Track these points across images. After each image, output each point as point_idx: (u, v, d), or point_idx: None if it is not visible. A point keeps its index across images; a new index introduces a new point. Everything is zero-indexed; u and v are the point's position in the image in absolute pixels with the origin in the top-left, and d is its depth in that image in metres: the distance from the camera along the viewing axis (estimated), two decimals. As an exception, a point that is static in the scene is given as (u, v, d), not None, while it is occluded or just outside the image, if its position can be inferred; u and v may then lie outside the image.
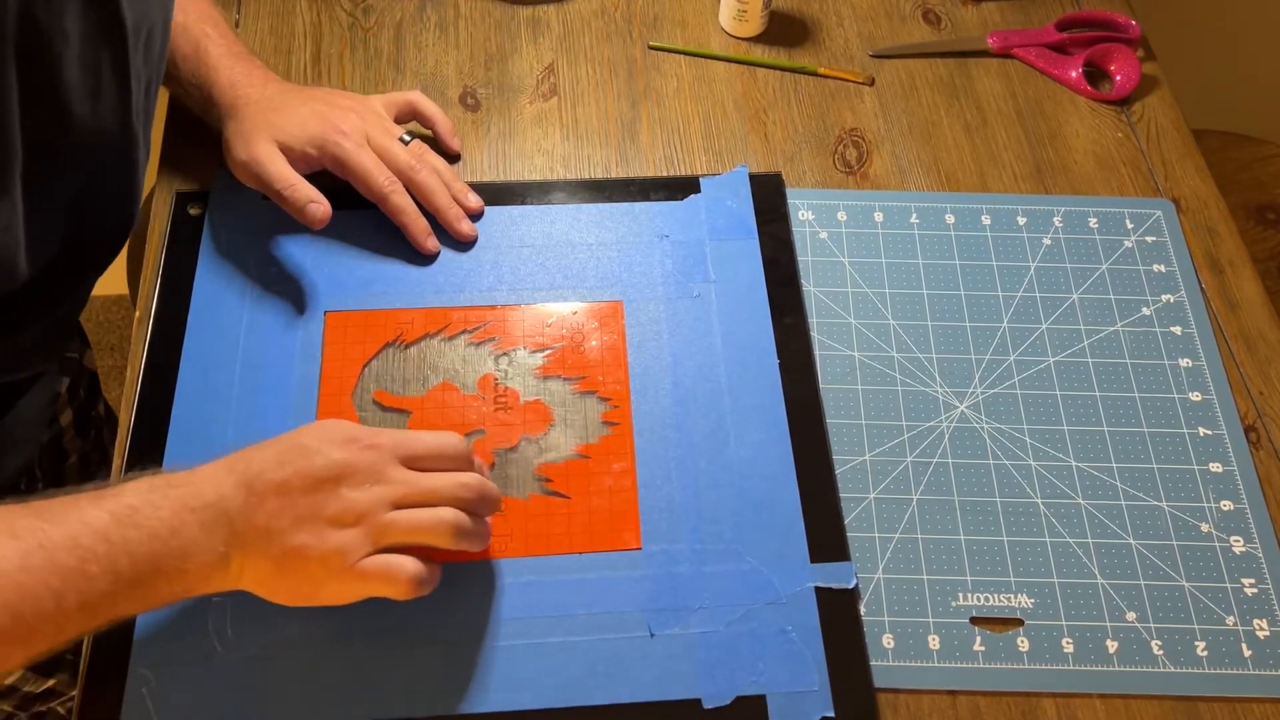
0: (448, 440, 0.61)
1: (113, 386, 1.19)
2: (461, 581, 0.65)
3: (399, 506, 0.58)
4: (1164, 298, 0.80)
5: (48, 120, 0.56)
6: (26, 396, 0.75)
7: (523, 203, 0.81)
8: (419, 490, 0.58)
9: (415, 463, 0.59)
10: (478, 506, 0.60)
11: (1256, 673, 0.65)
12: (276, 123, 0.74)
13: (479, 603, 0.64)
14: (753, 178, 0.83)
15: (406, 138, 0.78)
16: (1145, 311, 0.79)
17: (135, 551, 0.52)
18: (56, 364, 0.81)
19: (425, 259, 0.77)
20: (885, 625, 0.66)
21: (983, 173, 0.86)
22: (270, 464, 0.57)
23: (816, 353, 0.75)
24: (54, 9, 0.54)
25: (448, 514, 0.58)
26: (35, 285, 0.61)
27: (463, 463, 0.61)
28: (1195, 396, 0.75)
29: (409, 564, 0.57)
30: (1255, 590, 0.68)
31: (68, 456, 0.86)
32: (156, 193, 0.80)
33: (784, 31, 0.94)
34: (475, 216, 0.79)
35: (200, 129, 0.79)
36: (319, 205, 0.73)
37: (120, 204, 0.66)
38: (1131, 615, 0.67)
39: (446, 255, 0.78)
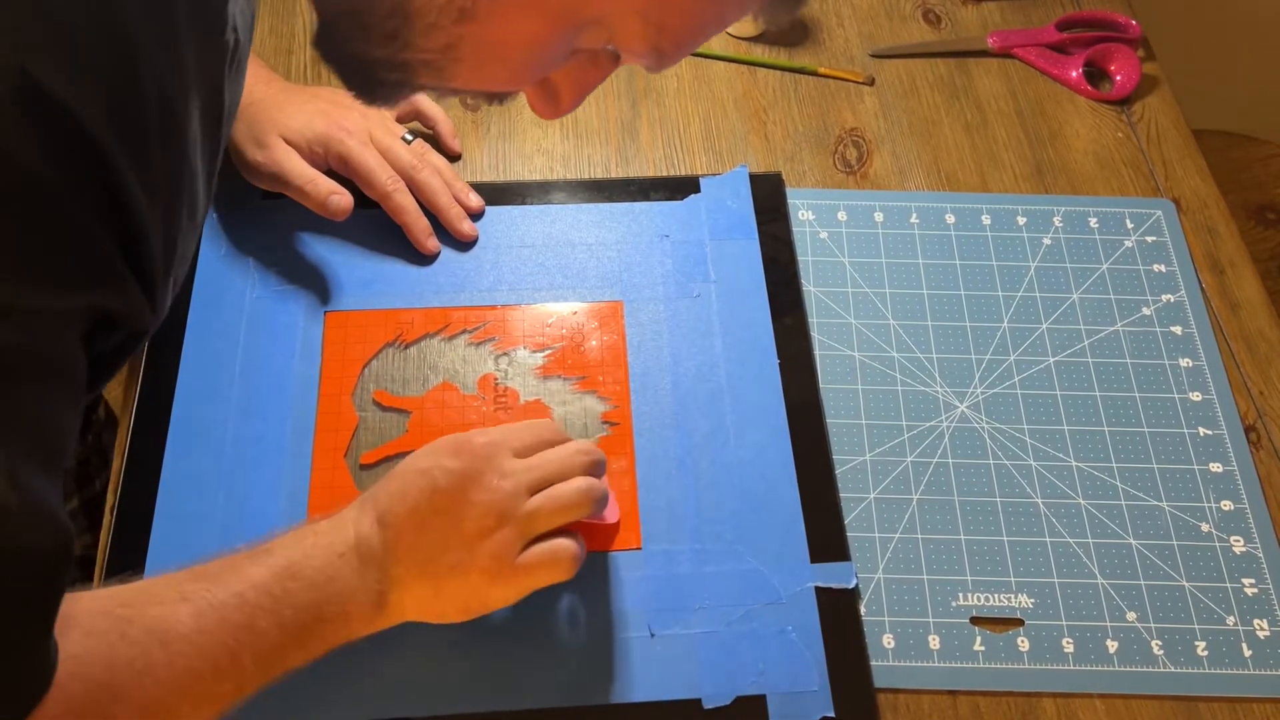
0: (542, 422, 0.62)
1: (112, 387, 1.19)
2: (461, 581, 0.65)
3: (532, 494, 0.58)
4: (1164, 298, 0.80)
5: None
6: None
7: (523, 203, 0.81)
8: (548, 472, 0.59)
9: (522, 452, 0.60)
10: (596, 470, 0.60)
11: (1257, 673, 0.65)
12: (281, 121, 0.74)
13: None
14: (753, 178, 0.83)
15: (409, 137, 0.78)
16: (1145, 311, 0.79)
17: (297, 603, 0.53)
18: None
19: (425, 259, 0.77)
20: (885, 625, 0.65)
21: (983, 172, 0.86)
22: (395, 496, 0.57)
23: (816, 353, 0.75)
24: (235, 90, 0.53)
25: (583, 483, 0.59)
26: None
27: (560, 436, 0.61)
28: (1195, 396, 0.75)
29: (567, 544, 0.58)
30: (1255, 590, 0.68)
31: (69, 459, 0.85)
32: (156, 193, 0.80)
33: (784, 31, 0.94)
34: (476, 216, 0.79)
35: (200, 129, 0.79)
36: (341, 197, 0.73)
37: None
38: (1132, 615, 0.66)
39: (447, 255, 0.78)
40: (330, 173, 0.76)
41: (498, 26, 0.44)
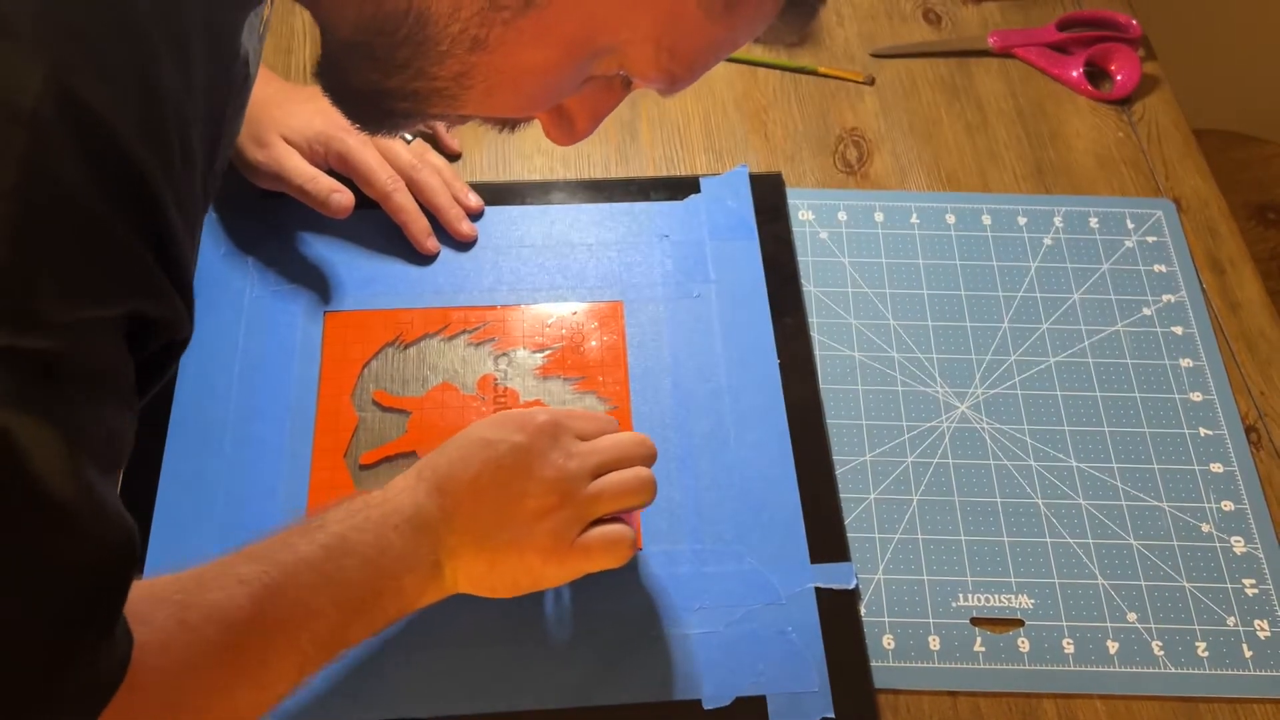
0: (600, 414, 0.63)
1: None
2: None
3: (594, 477, 0.58)
4: (1165, 298, 0.80)
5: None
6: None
7: (523, 203, 0.81)
8: (610, 457, 0.59)
9: (584, 435, 0.60)
10: (651, 462, 0.61)
11: (1257, 673, 0.65)
12: (280, 120, 0.75)
13: (479, 603, 0.64)
14: (753, 178, 0.83)
15: (409, 137, 0.78)
16: (1146, 312, 0.79)
17: (352, 579, 0.53)
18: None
19: (425, 259, 0.77)
20: (885, 626, 0.65)
21: (983, 172, 0.86)
22: (457, 464, 0.57)
23: (816, 353, 0.75)
24: (235, 125, 0.53)
25: (644, 471, 0.59)
26: None
27: (617, 428, 0.62)
28: (1196, 396, 0.75)
29: (625, 530, 0.58)
30: (1256, 591, 0.68)
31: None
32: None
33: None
34: (475, 216, 0.79)
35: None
36: (342, 195, 0.73)
37: None
38: (1132, 616, 0.66)
39: (446, 255, 0.78)
40: (330, 172, 0.76)
41: (511, 55, 0.44)
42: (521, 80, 0.45)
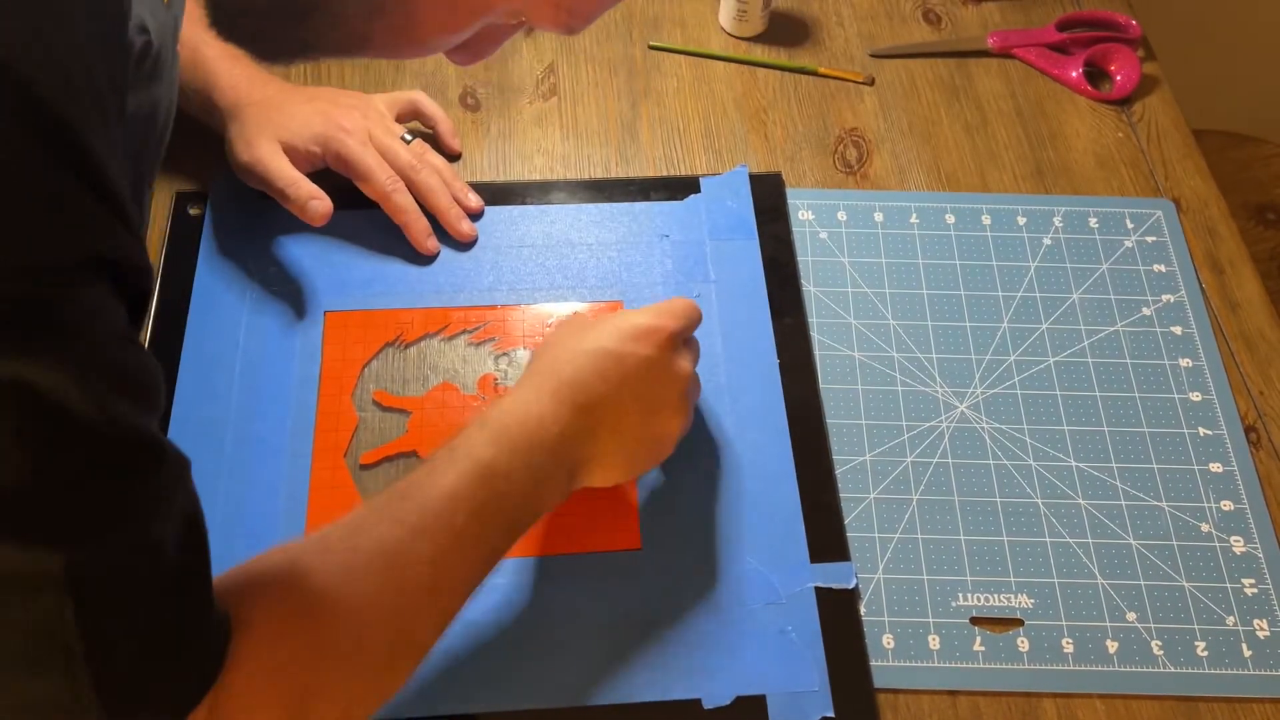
0: (684, 304, 0.66)
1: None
2: (461, 581, 0.65)
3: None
4: (1164, 298, 0.80)
5: None
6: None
7: (523, 203, 0.81)
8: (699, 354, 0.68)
9: (685, 335, 0.66)
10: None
11: (1257, 673, 0.65)
12: (279, 122, 0.74)
13: (479, 603, 0.64)
14: (753, 178, 0.83)
15: (408, 137, 0.78)
16: (1145, 311, 0.79)
17: (503, 505, 0.56)
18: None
19: (425, 259, 0.77)
20: (885, 625, 0.65)
21: (983, 173, 0.86)
22: (594, 381, 0.60)
23: (816, 353, 0.75)
24: (153, 96, 0.53)
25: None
26: None
27: (694, 313, 0.67)
28: (1195, 396, 0.75)
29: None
30: (1255, 590, 0.68)
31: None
32: (156, 193, 0.80)
33: (784, 31, 0.94)
34: (475, 216, 0.79)
35: (200, 130, 0.79)
36: (320, 201, 0.73)
37: None
38: (1132, 615, 0.66)
39: (446, 255, 0.78)
40: (329, 173, 0.76)
41: (412, 19, 0.47)
42: (422, 38, 0.48)
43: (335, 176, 0.76)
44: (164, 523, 0.41)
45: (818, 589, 0.66)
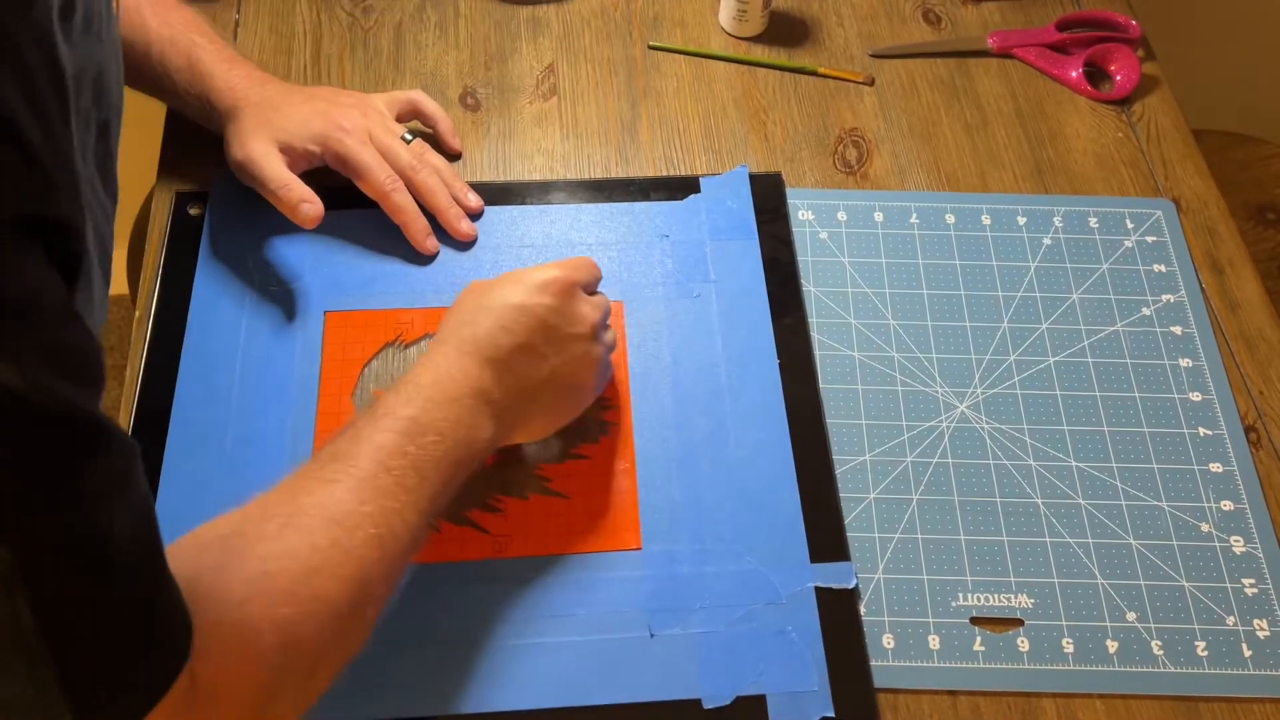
0: (585, 261, 0.68)
1: (112, 386, 1.18)
2: (461, 581, 0.65)
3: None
4: (1164, 298, 0.80)
5: None
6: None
7: (523, 203, 0.81)
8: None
9: (587, 286, 0.67)
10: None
11: (1257, 673, 0.65)
12: (277, 122, 0.74)
13: (479, 603, 0.64)
14: (753, 178, 0.83)
15: (408, 136, 0.78)
16: (1145, 311, 0.79)
17: (435, 455, 0.57)
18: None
19: (425, 259, 0.77)
20: (885, 625, 0.66)
21: (983, 173, 0.86)
22: (498, 333, 0.62)
23: (816, 353, 0.75)
24: (90, 52, 0.52)
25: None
26: None
27: (593, 266, 0.69)
28: (1195, 396, 0.75)
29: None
30: (1255, 590, 0.68)
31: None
32: (156, 193, 0.80)
33: (784, 31, 0.94)
34: (475, 216, 0.79)
35: (200, 130, 0.79)
36: (311, 205, 0.73)
37: None
38: (1131, 615, 0.66)
39: (446, 255, 0.78)
40: (329, 172, 0.76)
41: None
42: None
43: (335, 176, 0.76)
44: (116, 509, 0.40)
45: (818, 589, 0.66)
